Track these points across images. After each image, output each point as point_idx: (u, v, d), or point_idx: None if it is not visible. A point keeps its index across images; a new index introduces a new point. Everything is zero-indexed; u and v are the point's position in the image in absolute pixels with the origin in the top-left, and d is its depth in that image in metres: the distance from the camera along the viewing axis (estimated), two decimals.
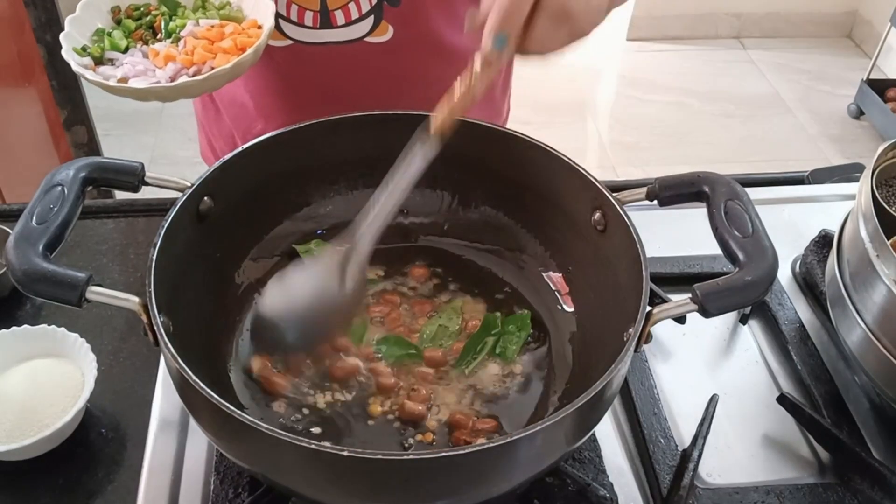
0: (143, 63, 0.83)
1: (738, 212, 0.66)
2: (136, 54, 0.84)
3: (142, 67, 0.83)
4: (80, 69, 0.81)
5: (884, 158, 0.85)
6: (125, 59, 0.84)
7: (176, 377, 0.62)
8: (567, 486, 0.70)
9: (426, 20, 0.94)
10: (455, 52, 0.96)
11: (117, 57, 0.84)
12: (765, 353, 0.87)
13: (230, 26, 0.86)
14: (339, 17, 0.91)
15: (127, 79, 0.81)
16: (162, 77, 0.81)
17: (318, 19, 0.91)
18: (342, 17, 0.91)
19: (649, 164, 2.92)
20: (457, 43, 0.97)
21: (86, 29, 0.87)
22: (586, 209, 0.75)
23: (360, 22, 0.92)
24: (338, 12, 0.91)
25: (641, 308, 0.63)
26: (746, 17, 3.66)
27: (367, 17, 0.92)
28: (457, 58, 1.04)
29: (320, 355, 0.74)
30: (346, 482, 0.58)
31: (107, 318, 0.87)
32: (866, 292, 0.76)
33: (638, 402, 0.79)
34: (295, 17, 0.91)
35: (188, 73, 0.80)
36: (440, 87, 0.68)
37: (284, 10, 0.90)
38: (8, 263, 0.61)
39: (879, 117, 3.04)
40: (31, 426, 0.73)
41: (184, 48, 0.83)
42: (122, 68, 0.82)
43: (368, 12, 0.91)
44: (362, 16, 0.92)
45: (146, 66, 0.83)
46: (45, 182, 0.66)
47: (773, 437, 0.79)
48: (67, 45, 0.84)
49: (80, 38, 0.86)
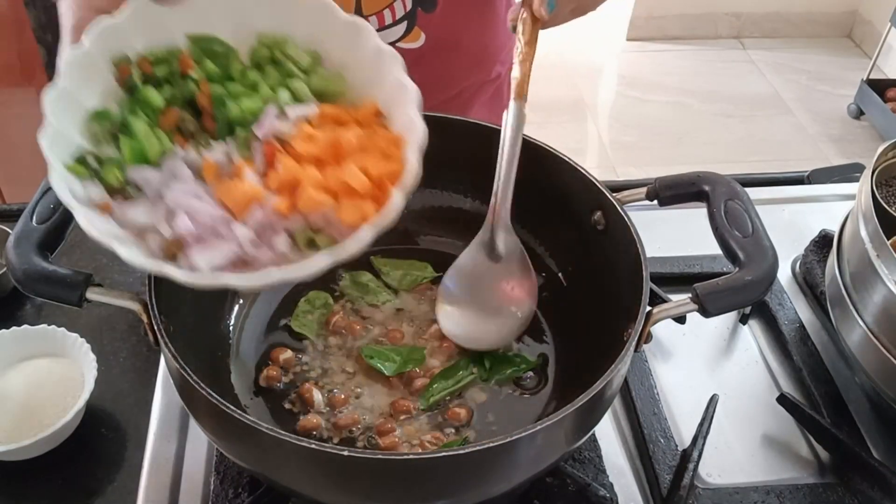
0: (202, 206, 0.52)
1: (738, 212, 0.66)
2: (181, 175, 0.53)
3: (207, 219, 0.52)
4: (87, 222, 0.49)
5: (884, 158, 0.85)
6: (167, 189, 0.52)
7: (176, 377, 0.62)
8: (567, 486, 0.70)
9: (460, 26, 0.94)
10: (483, 58, 0.97)
11: (148, 181, 0.53)
12: (765, 353, 0.87)
13: (350, 131, 0.54)
14: (373, 23, 0.91)
15: (183, 242, 0.52)
16: (244, 238, 0.51)
17: None
18: (376, 22, 0.91)
19: (649, 164, 2.92)
20: (485, 49, 0.98)
21: (77, 114, 0.54)
22: (586, 209, 0.75)
23: (393, 27, 0.92)
24: (372, 18, 0.91)
25: (641, 308, 0.63)
26: (746, 17, 3.66)
27: (400, 22, 0.91)
28: (484, 63, 1.05)
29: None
30: (346, 482, 0.58)
31: (107, 318, 0.87)
32: (866, 292, 0.76)
33: (638, 402, 0.79)
34: None
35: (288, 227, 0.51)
36: (465, 92, 0.70)
37: None
38: (8, 263, 0.61)
39: (879, 117, 3.04)
40: (31, 426, 0.73)
41: (263, 165, 0.53)
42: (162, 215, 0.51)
43: (402, 18, 0.91)
44: (396, 21, 0.91)
45: (211, 214, 0.52)
46: (45, 182, 0.65)
47: (773, 437, 0.79)
48: (54, 158, 0.51)
49: (71, 135, 0.53)
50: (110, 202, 0.53)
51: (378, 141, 0.56)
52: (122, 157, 0.54)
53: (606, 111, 3.28)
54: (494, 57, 1.06)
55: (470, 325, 0.74)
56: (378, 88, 0.60)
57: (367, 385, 0.73)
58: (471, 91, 1.07)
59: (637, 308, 0.63)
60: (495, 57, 1.06)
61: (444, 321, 0.75)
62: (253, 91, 0.57)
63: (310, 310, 0.79)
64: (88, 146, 0.54)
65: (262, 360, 0.75)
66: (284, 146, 0.55)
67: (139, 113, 0.55)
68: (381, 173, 0.53)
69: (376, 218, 0.52)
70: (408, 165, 0.54)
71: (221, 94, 0.56)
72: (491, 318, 0.74)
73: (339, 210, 0.52)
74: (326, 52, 0.62)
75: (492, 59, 1.06)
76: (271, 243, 0.53)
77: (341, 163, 0.54)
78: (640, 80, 3.41)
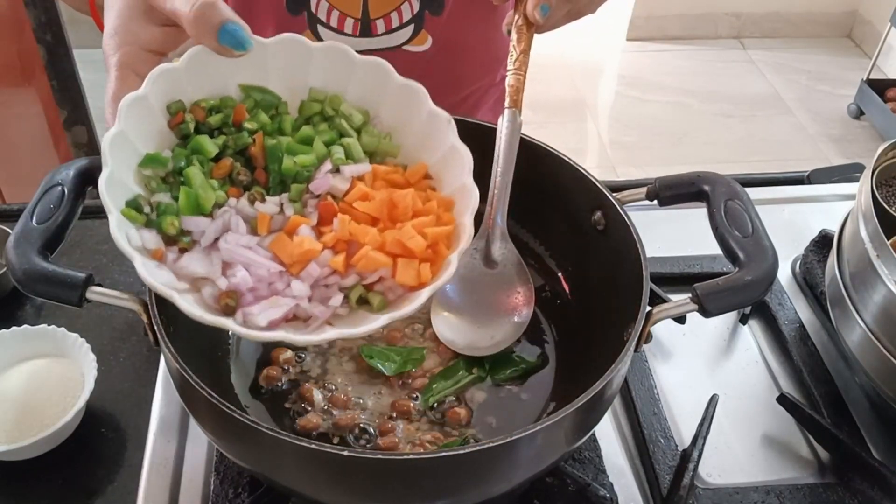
0: (259, 258, 0.52)
1: (738, 211, 0.66)
2: (236, 227, 0.53)
3: (264, 272, 0.52)
4: (146, 271, 0.50)
5: (884, 158, 0.85)
6: (221, 240, 0.53)
7: (176, 377, 0.62)
8: (567, 486, 0.70)
9: (467, 29, 0.94)
10: (490, 61, 0.97)
11: (204, 233, 0.53)
12: (765, 353, 0.87)
13: (406, 191, 0.55)
14: (380, 26, 0.91)
15: (238, 294, 0.52)
16: (301, 294, 0.52)
17: (358, 27, 0.91)
18: (383, 25, 0.91)
19: (649, 164, 2.92)
20: (493, 52, 0.98)
21: (132, 158, 0.54)
22: (586, 209, 0.75)
23: (400, 30, 0.92)
24: (379, 21, 0.91)
25: (641, 308, 0.63)
26: (746, 17, 3.66)
27: (407, 25, 0.91)
28: (491, 67, 1.05)
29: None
30: (346, 482, 0.58)
31: (107, 318, 0.87)
32: (866, 292, 0.76)
33: (638, 402, 0.79)
34: (335, 24, 0.90)
35: (341, 286, 0.52)
36: (472, 95, 0.70)
37: (325, 16, 0.90)
38: (8, 263, 0.61)
39: (879, 117, 3.04)
40: (31, 426, 0.73)
41: (318, 221, 0.54)
42: (219, 271, 0.52)
43: (409, 21, 0.91)
44: (403, 24, 0.91)
45: (268, 268, 0.52)
46: (45, 182, 0.66)
47: (773, 437, 0.79)
48: (112, 202, 0.51)
49: (125, 178, 0.53)
50: (163, 250, 0.54)
51: (432, 203, 0.57)
52: (178, 206, 0.54)
53: (606, 111, 3.28)
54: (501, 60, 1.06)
55: (465, 331, 0.74)
56: (430, 152, 0.61)
57: (367, 385, 0.73)
58: (478, 94, 1.07)
59: (637, 308, 0.63)
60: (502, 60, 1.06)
61: (439, 326, 0.75)
62: (307, 146, 0.58)
63: None
64: (141, 192, 0.54)
65: (262, 360, 0.75)
66: (339, 204, 0.56)
67: (194, 161, 0.55)
68: (437, 235, 0.54)
69: (433, 281, 0.52)
70: (462, 228, 0.56)
71: (276, 146, 0.56)
72: (486, 325, 0.74)
73: (396, 271, 0.53)
74: (378, 113, 0.62)
75: (499, 63, 1.07)
76: (325, 300, 0.53)
77: (396, 223, 0.55)
78: (640, 80, 3.41)
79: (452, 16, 0.92)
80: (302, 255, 0.53)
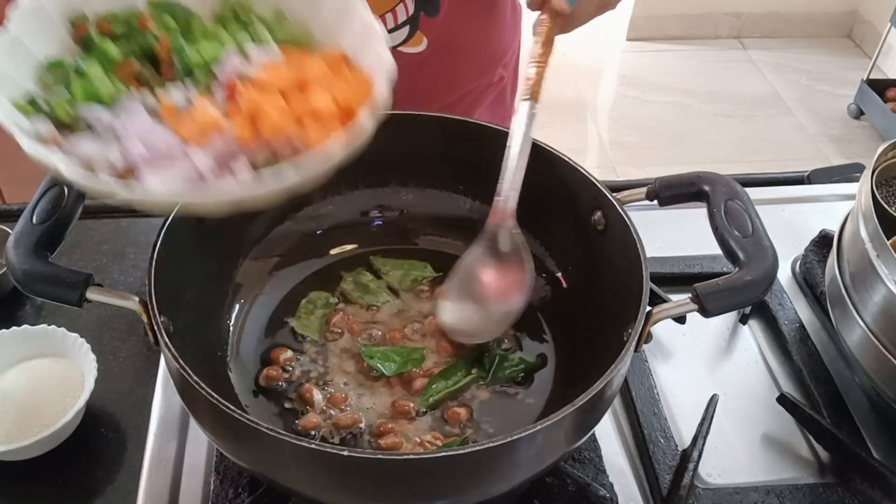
0: (156, 132, 0.49)
1: (738, 211, 0.66)
2: (135, 112, 0.51)
3: (160, 144, 0.49)
4: (33, 146, 0.47)
5: (884, 158, 0.85)
6: (118, 121, 0.50)
7: (176, 377, 0.62)
8: (567, 486, 0.70)
9: (463, 30, 0.93)
10: (486, 62, 0.97)
11: (99, 118, 0.51)
12: (765, 353, 0.87)
13: (314, 63, 0.53)
14: None
15: (134, 169, 0.49)
16: (203, 165, 0.48)
17: None
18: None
19: (649, 164, 2.92)
20: (489, 53, 0.97)
21: (28, 61, 0.53)
22: (586, 209, 0.75)
23: (395, 32, 0.91)
24: None
25: (641, 308, 0.63)
26: (746, 17, 3.66)
27: (402, 27, 0.91)
28: (487, 67, 1.05)
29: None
30: (346, 482, 0.58)
31: (107, 318, 0.87)
32: (866, 292, 0.76)
33: (638, 402, 0.79)
34: None
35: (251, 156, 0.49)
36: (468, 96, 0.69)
37: None
38: (8, 263, 0.61)
39: (879, 117, 3.04)
40: (31, 426, 0.73)
41: (228, 103, 0.51)
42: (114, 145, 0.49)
43: (404, 22, 0.90)
44: (398, 25, 0.91)
45: (166, 141, 0.49)
46: (45, 182, 0.66)
47: (773, 437, 0.79)
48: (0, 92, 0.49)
49: (21, 80, 0.52)
50: (59, 138, 0.50)
51: (345, 76, 0.54)
52: (74, 96, 0.51)
53: (606, 111, 3.28)
54: (498, 61, 1.06)
55: (466, 319, 0.74)
56: (343, 35, 0.58)
57: (367, 385, 0.73)
58: (474, 95, 1.07)
59: (637, 308, 0.63)
60: (499, 61, 1.06)
61: (443, 315, 0.75)
62: (213, 39, 0.54)
63: (311, 310, 0.79)
64: (39, 91, 0.52)
65: (263, 360, 0.75)
66: (247, 84, 0.53)
67: (94, 61, 0.53)
68: (349, 99, 0.50)
69: (344, 134, 0.48)
70: (376, 90, 0.52)
71: (180, 40, 0.53)
72: (486, 312, 0.74)
73: (305, 134, 0.49)
74: (289, 6, 0.60)
75: (495, 63, 1.06)
76: (231, 169, 0.49)
77: (306, 92, 0.51)
78: (640, 80, 3.41)
79: (448, 17, 0.91)
80: (202, 126, 0.48)
